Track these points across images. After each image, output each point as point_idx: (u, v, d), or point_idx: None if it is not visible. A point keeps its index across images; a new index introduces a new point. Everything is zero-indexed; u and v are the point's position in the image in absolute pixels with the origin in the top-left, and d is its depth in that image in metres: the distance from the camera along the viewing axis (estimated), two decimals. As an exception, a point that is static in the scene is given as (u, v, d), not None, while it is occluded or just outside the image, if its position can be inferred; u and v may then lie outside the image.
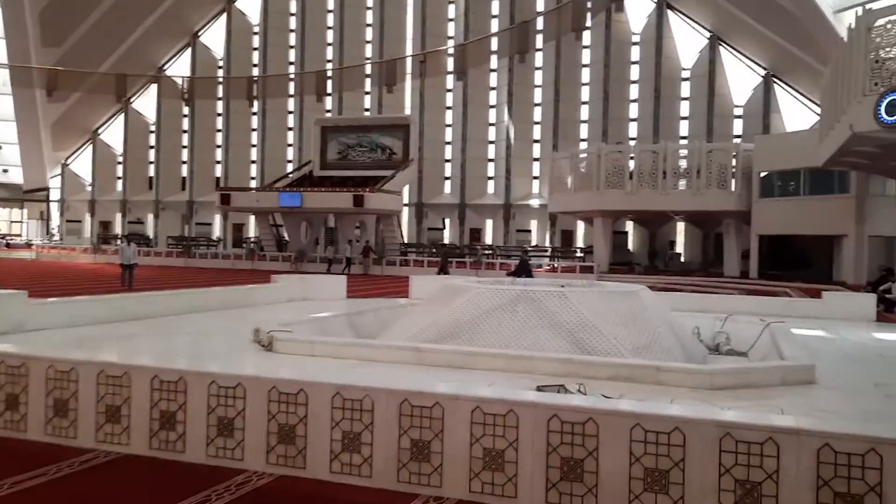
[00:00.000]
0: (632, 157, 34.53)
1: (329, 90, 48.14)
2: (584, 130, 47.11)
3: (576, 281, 12.64)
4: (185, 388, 5.32)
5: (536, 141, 48.82)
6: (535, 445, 4.43)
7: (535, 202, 47.72)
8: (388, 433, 4.77)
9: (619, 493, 4.22)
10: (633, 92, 46.21)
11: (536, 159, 48.75)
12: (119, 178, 57.92)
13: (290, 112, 53.83)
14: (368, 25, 52.51)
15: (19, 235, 57.77)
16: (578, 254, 41.66)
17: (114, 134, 57.66)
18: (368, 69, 48.57)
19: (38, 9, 48.23)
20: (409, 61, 44.36)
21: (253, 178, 54.05)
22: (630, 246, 43.31)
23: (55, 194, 58.74)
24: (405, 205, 46.95)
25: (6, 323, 8.42)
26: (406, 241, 46.00)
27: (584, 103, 47.25)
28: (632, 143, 42.67)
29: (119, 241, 40.55)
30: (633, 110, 46.18)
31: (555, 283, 10.17)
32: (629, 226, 43.24)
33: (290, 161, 53.24)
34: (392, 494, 4.68)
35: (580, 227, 44.92)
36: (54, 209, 59.22)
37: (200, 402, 5.27)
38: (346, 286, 16.90)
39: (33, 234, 57.14)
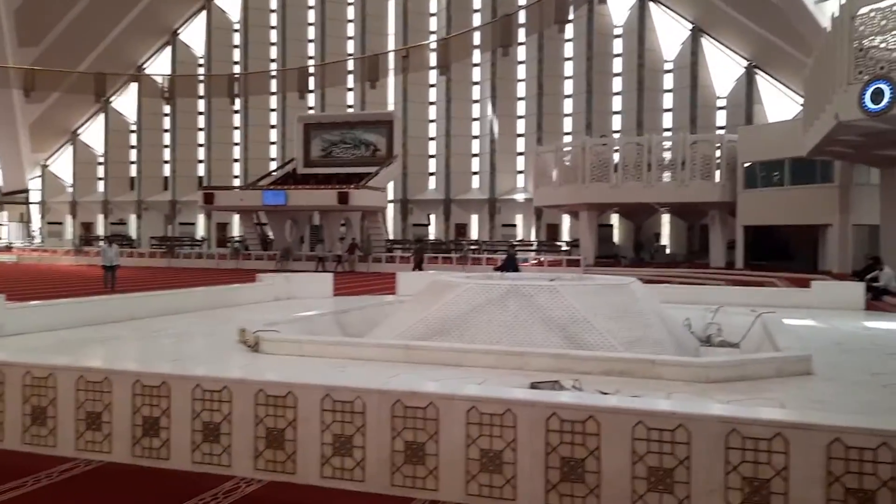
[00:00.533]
0: (616, 150, 34.51)
1: (311, 87, 47.66)
2: (567, 124, 47.07)
3: (566, 274, 12.51)
4: (168, 393, 5.13)
5: (521, 135, 48.73)
6: (534, 445, 4.28)
7: (520, 197, 47.64)
8: (380, 435, 4.61)
9: (622, 493, 4.08)
10: (617, 85, 46.14)
11: (521, 153, 48.67)
12: (100, 178, 57.18)
13: (273, 110, 53.34)
14: (350, 21, 52.14)
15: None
16: (564, 247, 41.62)
17: (94, 134, 56.90)
18: (351, 65, 48.22)
19: (14, 7, 47.42)
20: (391, 56, 44.04)
21: (236, 177, 53.54)
22: (615, 239, 43.34)
23: (35, 196, 57.91)
24: (390, 201, 46.69)
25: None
26: (392, 238, 45.79)
27: (568, 96, 47.19)
28: (616, 135, 42.68)
29: (101, 243, 40.00)
30: (617, 103, 46.13)
31: (544, 277, 10.06)
32: (614, 219, 43.26)
33: (273, 159, 52.79)
34: (386, 499, 4.52)
35: (566, 220, 44.89)
36: (34, 211, 58.39)
37: (185, 407, 5.07)
38: (333, 284, 16.72)
39: (13, 237, 56.28)
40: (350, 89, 50.72)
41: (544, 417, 4.27)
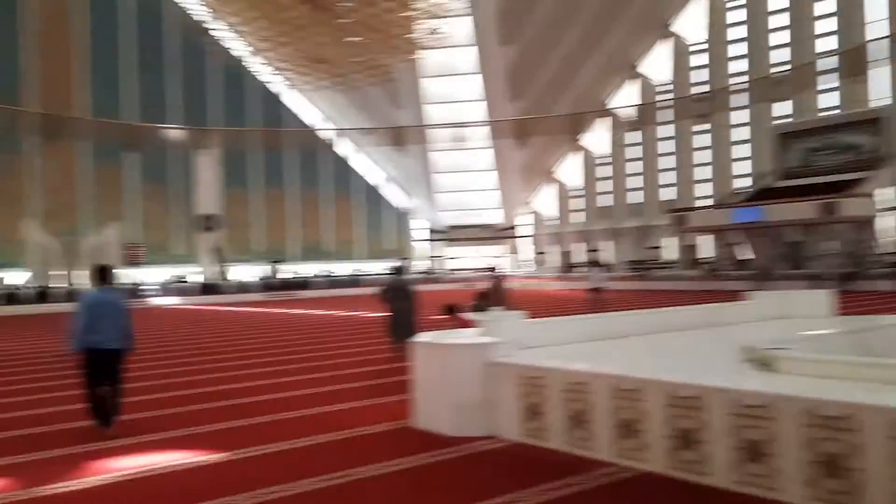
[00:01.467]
0: None
1: (780, 96, 44.47)
2: None
3: None
4: (702, 405, 4.99)
5: None
6: None
7: None
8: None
9: None
10: None
11: None
12: (573, 210, 62.38)
13: (737, 125, 51.13)
14: (818, 18, 47.03)
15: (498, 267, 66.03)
16: None
17: (565, 170, 62.48)
18: (823, 64, 43.65)
19: (508, 69, 54.91)
20: (879, 45, 38.40)
21: (703, 197, 52.59)
22: None
23: (522, 230, 66.04)
24: (888, 209, 40.18)
25: (513, 340, 9.26)
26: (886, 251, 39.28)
27: None
28: None
29: (586, 268, 43.24)
30: None
31: None
32: None
33: (742, 175, 50.48)
34: None
35: None
36: (521, 243, 66.47)
37: (721, 421, 4.87)
38: (832, 303, 14.89)
39: (507, 266, 64.76)
40: (824, 90, 45.73)
41: None
